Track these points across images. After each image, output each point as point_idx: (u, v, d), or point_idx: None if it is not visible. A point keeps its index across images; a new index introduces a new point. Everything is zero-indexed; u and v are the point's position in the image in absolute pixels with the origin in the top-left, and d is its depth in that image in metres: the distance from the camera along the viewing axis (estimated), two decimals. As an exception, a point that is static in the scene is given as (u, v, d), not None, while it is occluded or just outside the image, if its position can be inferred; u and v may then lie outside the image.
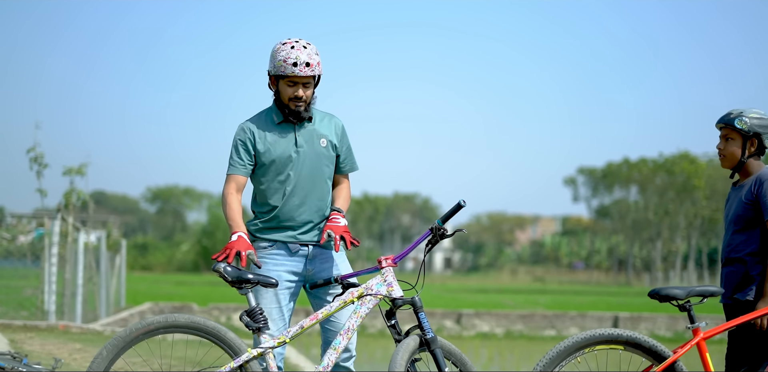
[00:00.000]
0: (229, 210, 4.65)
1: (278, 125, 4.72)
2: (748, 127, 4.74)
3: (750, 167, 4.82)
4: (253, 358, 4.27)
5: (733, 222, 4.79)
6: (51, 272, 13.36)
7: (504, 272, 77.47)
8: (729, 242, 4.80)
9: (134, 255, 67.17)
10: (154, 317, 4.30)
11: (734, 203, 4.83)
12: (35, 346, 9.88)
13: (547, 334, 25.39)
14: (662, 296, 4.41)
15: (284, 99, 4.66)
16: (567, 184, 75.72)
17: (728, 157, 4.82)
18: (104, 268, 18.24)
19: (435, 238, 4.54)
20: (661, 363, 4.30)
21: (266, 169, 4.71)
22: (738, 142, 4.78)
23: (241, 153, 4.70)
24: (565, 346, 4.32)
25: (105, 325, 15.22)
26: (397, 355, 4.26)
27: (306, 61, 4.57)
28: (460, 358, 4.53)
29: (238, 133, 4.75)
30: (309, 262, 4.71)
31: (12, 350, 7.66)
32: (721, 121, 4.83)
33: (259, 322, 4.32)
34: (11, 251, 21.66)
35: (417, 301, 4.43)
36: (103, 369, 4.16)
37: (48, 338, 10.85)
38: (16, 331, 11.37)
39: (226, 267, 4.33)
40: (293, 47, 4.59)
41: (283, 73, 4.59)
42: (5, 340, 9.56)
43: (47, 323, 12.45)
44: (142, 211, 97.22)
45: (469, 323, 26.26)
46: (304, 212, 4.72)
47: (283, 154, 4.69)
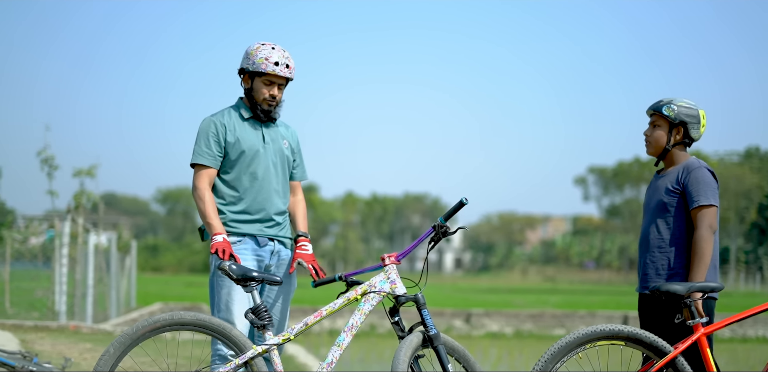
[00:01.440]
0: (207, 207, 4.69)
1: (246, 120, 4.83)
2: (675, 114, 4.79)
3: (675, 156, 4.86)
4: (258, 355, 4.31)
5: (657, 209, 4.80)
6: (61, 273, 13.44)
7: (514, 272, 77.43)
8: (651, 230, 4.81)
9: (145, 256, 67.32)
10: (161, 315, 4.35)
11: (658, 191, 4.85)
12: (46, 346, 9.96)
13: (557, 334, 25.37)
14: (663, 292, 4.43)
15: (258, 97, 4.79)
16: (577, 183, 75.73)
17: (653, 144, 4.87)
18: (114, 269, 18.32)
19: (438, 235, 4.57)
20: (661, 358, 4.33)
21: (235, 162, 4.79)
22: (665, 129, 4.83)
23: (211, 144, 4.77)
24: (566, 341, 4.35)
25: (115, 325, 15.29)
26: (400, 351, 4.31)
27: (286, 62, 4.74)
28: (464, 355, 4.57)
29: (207, 125, 4.79)
30: (271, 258, 4.81)
31: (23, 350, 7.71)
32: (651, 107, 4.89)
33: (263, 320, 4.37)
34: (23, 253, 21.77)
35: (420, 298, 4.47)
36: (110, 366, 4.22)
37: (59, 338, 10.94)
38: (28, 332, 11.46)
39: (231, 265, 4.38)
40: (274, 48, 4.75)
41: (263, 71, 4.71)
42: (16, 340, 9.65)
43: (58, 324, 12.54)
44: (152, 213, 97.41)
45: (479, 323, 26.28)
46: (271, 206, 4.83)
47: (252, 147, 4.79)
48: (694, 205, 4.69)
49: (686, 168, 4.77)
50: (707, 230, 4.64)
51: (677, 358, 4.34)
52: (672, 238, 4.75)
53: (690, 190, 4.72)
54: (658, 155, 4.89)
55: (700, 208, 4.68)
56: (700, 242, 4.63)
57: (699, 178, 4.72)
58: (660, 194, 4.81)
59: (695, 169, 4.74)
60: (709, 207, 4.68)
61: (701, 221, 4.66)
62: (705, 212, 4.67)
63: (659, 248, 4.77)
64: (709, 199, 4.68)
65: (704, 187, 4.71)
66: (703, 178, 4.72)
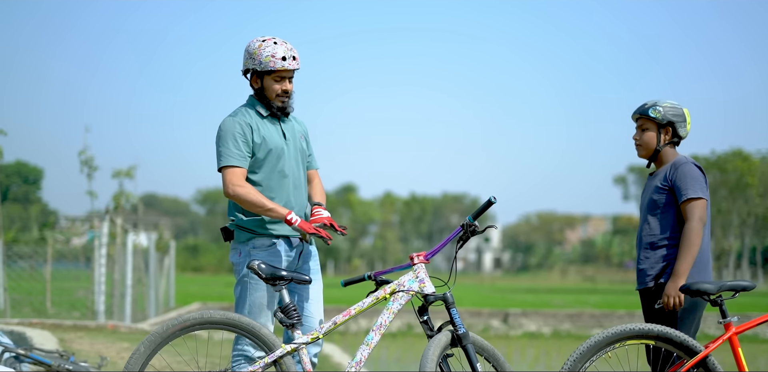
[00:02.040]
0: (261, 199, 4.56)
1: (265, 118, 4.76)
2: (662, 116, 4.87)
3: (665, 156, 4.93)
4: (287, 354, 4.33)
5: (648, 207, 4.87)
6: (100, 273, 13.58)
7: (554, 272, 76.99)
8: (644, 227, 4.88)
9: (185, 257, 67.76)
10: (191, 314, 4.38)
11: (648, 190, 4.93)
12: (84, 346, 10.06)
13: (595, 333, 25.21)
14: (693, 291, 4.39)
15: (270, 95, 4.71)
16: (617, 182, 75.14)
17: (644, 147, 4.95)
18: (153, 269, 18.47)
19: (466, 234, 4.56)
20: (692, 358, 4.29)
21: (262, 162, 4.71)
22: (653, 131, 4.91)
23: (240, 145, 4.66)
24: (595, 341, 4.32)
25: (153, 324, 15.42)
26: (429, 350, 4.30)
27: (293, 55, 4.67)
28: (493, 354, 4.55)
29: (232, 126, 4.67)
30: (300, 258, 4.77)
31: (60, 349, 7.80)
32: (636, 112, 4.96)
33: (292, 318, 4.38)
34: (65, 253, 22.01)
35: (449, 297, 4.46)
36: (141, 365, 4.25)
37: (97, 338, 11.03)
38: (67, 331, 11.58)
39: (260, 264, 4.39)
40: (276, 43, 4.66)
41: (272, 68, 4.63)
42: (54, 339, 9.74)
43: (96, 323, 12.66)
44: (192, 214, 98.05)
45: (516, 323, 26.17)
46: (299, 204, 4.79)
47: (277, 145, 4.73)
48: (683, 199, 4.76)
49: (673, 165, 4.86)
50: (697, 222, 4.70)
51: (708, 358, 4.29)
52: (663, 233, 4.80)
53: (678, 184, 4.79)
54: (649, 157, 4.97)
55: (689, 201, 4.75)
56: (689, 233, 4.69)
57: (686, 172, 4.79)
58: (651, 193, 4.88)
59: (682, 165, 4.82)
60: (697, 199, 4.75)
61: (691, 213, 4.73)
62: (694, 205, 4.74)
63: (652, 244, 4.82)
64: (697, 192, 4.75)
65: (691, 180, 4.77)
66: (690, 172, 4.80)
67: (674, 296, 4.63)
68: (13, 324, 11.39)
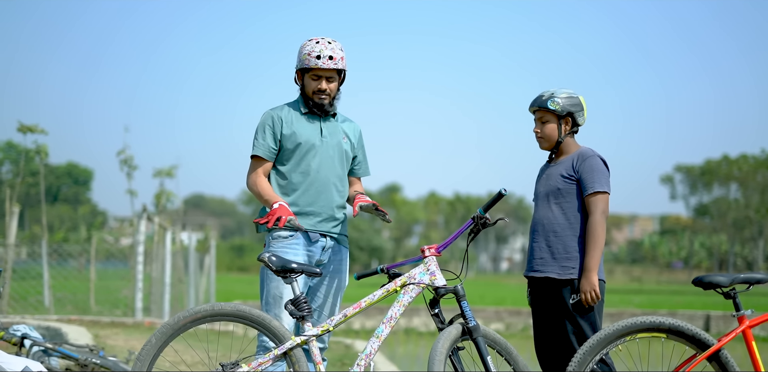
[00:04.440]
0: (261, 188, 4.74)
1: (304, 115, 4.85)
2: (561, 107, 4.85)
3: (567, 146, 4.92)
4: (297, 346, 4.34)
5: (551, 196, 4.85)
6: (138, 270, 13.72)
7: (600, 272, 76.31)
8: (544, 215, 4.85)
9: (231, 257, 68.27)
10: (202, 306, 4.40)
11: (551, 178, 4.89)
12: (119, 341, 10.17)
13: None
14: (706, 283, 4.34)
15: (308, 92, 4.81)
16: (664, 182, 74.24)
17: (546, 139, 4.92)
18: (193, 268, 18.62)
19: (477, 227, 4.55)
20: (704, 351, 4.23)
21: (290, 154, 4.79)
22: (554, 122, 4.87)
23: (267, 136, 4.80)
24: (606, 333, 4.28)
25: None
26: (438, 342, 4.30)
27: (329, 54, 4.73)
28: (506, 348, 4.53)
29: (265, 118, 4.85)
30: (323, 254, 4.79)
31: (92, 344, 7.90)
32: (534, 104, 4.92)
33: (303, 311, 4.38)
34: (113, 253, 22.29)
35: (459, 290, 4.46)
36: (152, 356, 4.29)
37: (133, 334, 11.14)
38: (104, 328, 11.71)
39: (270, 256, 4.41)
40: (318, 42, 4.76)
41: (307, 66, 4.75)
42: (89, 335, 9.86)
43: (134, 320, 12.79)
44: (239, 214, 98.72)
45: (558, 322, 25.95)
46: (326, 200, 4.80)
47: (308, 139, 4.80)
48: (589, 191, 4.76)
49: (580, 156, 4.85)
50: (601, 216, 4.72)
51: (720, 351, 4.23)
52: (567, 223, 4.79)
53: (584, 177, 4.78)
54: (551, 149, 4.94)
55: (594, 194, 4.76)
56: (596, 227, 4.70)
57: (593, 166, 4.79)
58: (554, 181, 4.86)
59: (589, 157, 4.82)
60: (602, 193, 4.76)
61: (595, 207, 4.74)
62: (599, 198, 4.75)
63: (554, 233, 4.81)
64: (603, 186, 4.76)
65: (598, 174, 4.78)
66: (597, 166, 4.79)
67: (590, 291, 4.66)
68: (52, 320, 11.55)
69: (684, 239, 78.26)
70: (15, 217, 12.92)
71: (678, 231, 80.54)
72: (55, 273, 16.59)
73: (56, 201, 69.35)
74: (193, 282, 18.76)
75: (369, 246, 66.51)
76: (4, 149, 60.41)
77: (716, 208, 69.23)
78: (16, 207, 12.99)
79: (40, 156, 14.99)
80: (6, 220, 13.27)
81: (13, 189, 14.02)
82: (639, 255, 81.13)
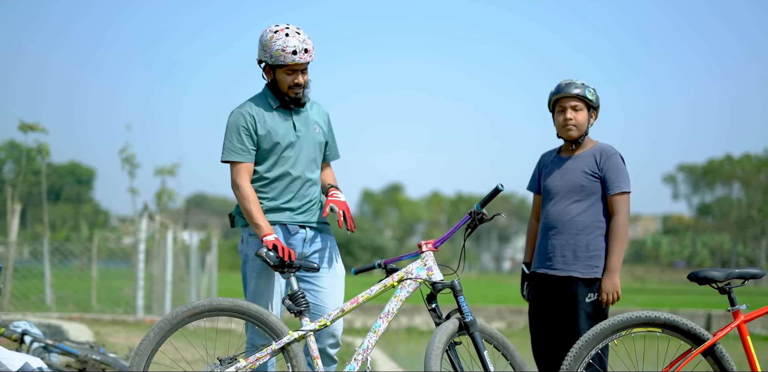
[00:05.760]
0: (252, 207, 4.56)
1: (275, 110, 4.69)
2: (597, 98, 4.80)
3: (586, 140, 4.87)
4: (294, 341, 4.35)
5: (574, 192, 4.78)
6: (139, 269, 13.75)
7: (603, 272, 76.24)
8: (566, 212, 4.78)
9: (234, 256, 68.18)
10: (199, 300, 4.42)
11: (571, 173, 4.81)
12: (120, 339, 10.19)
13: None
14: (701, 278, 4.35)
15: (283, 87, 4.64)
16: (666, 181, 74.23)
17: (578, 127, 4.81)
18: (194, 266, 18.65)
19: (474, 222, 4.57)
20: (699, 346, 4.24)
21: (267, 153, 4.66)
22: (585, 113, 4.79)
23: (243, 138, 4.62)
24: (601, 328, 4.29)
25: (193, 320, 15.52)
26: (435, 337, 4.31)
27: (305, 47, 4.54)
28: (503, 343, 4.55)
29: (236, 118, 4.63)
30: (305, 245, 4.70)
31: (91, 340, 7.92)
32: (570, 91, 4.78)
33: (300, 306, 4.40)
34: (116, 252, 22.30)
35: (456, 285, 4.46)
36: (150, 350, 4.31)
37: (134, 332, 11.16)
38: (105, 325, 11.73)
39: (268, 252, 4.43)
40: (288, 35, 4.53)
41: (283, 63, 4.54)
42: (90, 332, 9.88)
43: (135, 318, 12.81)
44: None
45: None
46: (304, 196, 4.71)
47: (284, 138, 4.66)
48: (615, 191, 4.73)
49: (603, 153, 4.79)
50: (626, 216, 4.72)
51: (715, 346, 4.24)
52: (591, 221, 4.74)
53: (610, 175, 4.74)
54: (577, 139, 4.85)
55: (620, 194, 4.72)
56: (622, 227, 4.69)
57: (618, 164, 4.76)
58: (576, 177, 4.79)
59: (613, 155, 4.77)
60: (627, 193, 4.74)
61: (621, 207, 4.72)
62: (624, 198, 4.73)
63: (579, 231, 4.76)
64: (628, 186, 4.74)
65: (623, 174, 4.75)
66: (621, 165, 4.77)
67: (613, 292, 4.66)
68: (53, 318, 11.58)
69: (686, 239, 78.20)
70: (16, 215, 12.95)
71: (681, 230, 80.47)
72: (57, 272, 16.61)
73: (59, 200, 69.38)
74: (195, 280, 18.79)
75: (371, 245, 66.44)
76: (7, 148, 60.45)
77: (719, 208, 69.21)
78: (17, 205, 13.02)
79: (42, 155, 15.01)
80: (7, 219, 13.30)
81: (14, 188, 14.05)
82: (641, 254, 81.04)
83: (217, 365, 4.28)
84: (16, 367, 5.51)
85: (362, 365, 4.38)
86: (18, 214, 12.95)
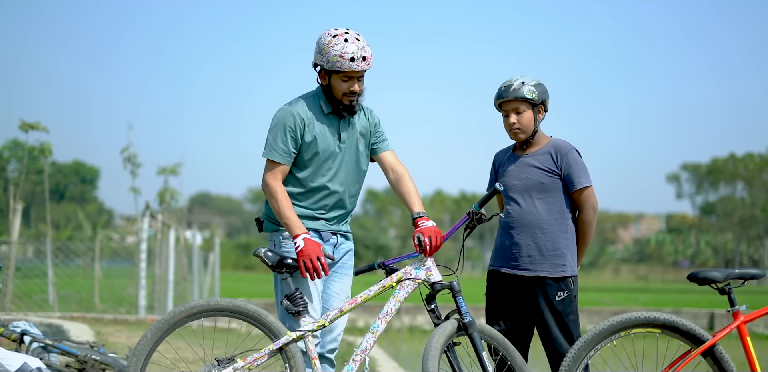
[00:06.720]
0: (283, 207, 4.43)
1: (326, 116, 4.56)
2: (538, 95, 4.72)
3: (538, 135, 4.81)
4: (293, 341, 4.33)
5: (534, 190, 4.73)
6: (141, 268, 13.74)
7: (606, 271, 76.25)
8: (529, 210, 4.72)
9: (237, 255, 68.26)
10: (197, 301, 4.41)
11: (527, 171, 4.75)
12: (121, 339, 10.17)
13: (639, 331, 24.84)
14: (700, 279, 4.33)
15: (337, 94, 4.49)
16: (670, 180, 74.15)
17: (524, 130, 4.76)
18: (197, 266, 18.66)
19: (472, 222, 4.55)
20: (699, 347, 4.22)
21: (307, 162, 4.54)
22: (530, 112, 4.73)
23: (288, 141, 4.47)
24: (600, 329, 4.28)
25: (195, 320, 15.51)
26: (433, 338, 4.30)
27: (363, 55, 4.39)
28: (503, 343, 4.53)
29: (287, 117, 4.48)
30: (334, 251, 4.65)
31: (92, 340, 7.90)
32: (508, 95, 4.73)
33: (298, 306, 4.37)
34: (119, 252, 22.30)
35: (455, 286, 4.44)
36: (147, 351, 4.30)
37: (135, 331, 11.14)
38: (106, 325, 11.72)
39: (266, 252, 4.40)
40: (347, 40, 4.38)
41: (339, 69, 4.39)
42: (91, 331, 9.87)
43: (137, 317, 12.79)
44: (246, 212, 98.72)
45: (562, 320, 25.90)
46: (339, 208, 4.65)
47: (327, 147, 4.53)
48: (578, 187, 4.70)
49: (558, 150, 4.75)
50: (593, 212, 4.69)
51: (715, 347, 4.22)
52: (553, 219, 4.70)
53: (570, 172, 4.70)
54: (527, 140, 4.80)
55: (583, 189, 4.69)
56: (591, 223, 4.70)
57: (576, 160, 4.72)
58: (534, 175, 4.73)
59: (569, 151, 4.73)
60: (589, 187, 4.70)
61: (587, 202, 4.70)
62: (588, 193, 4.70)
63: (541, 229, 4.71)
64: (589, 180, 4.71)
65: (581, 168, 4.72)
66: (578, 159, 4.73)
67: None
68: (55, 317, 11.57)
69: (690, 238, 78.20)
70: (18, 214, 12.95)
71: (684, 230, 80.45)
72: (60, 271, 16.62)
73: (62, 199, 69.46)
74: (197, 280, 18.79)
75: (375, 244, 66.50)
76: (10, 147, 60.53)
77: (722, 207, 69.14)
78: (19, 204, 13.02)
79: (44, 154, 15.02)
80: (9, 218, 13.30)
81: (17, 187, 14.05)
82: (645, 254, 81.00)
83: (215, 365, 4.26)
84: (14, 367, 5.50)
85: (360, 366, 4.36)
86: (20, 214, 12.95)
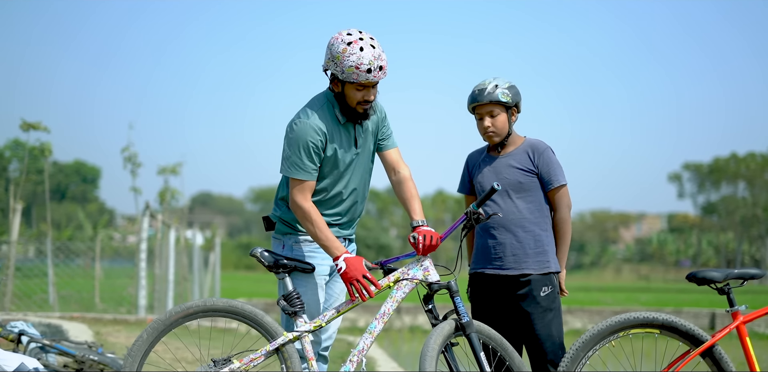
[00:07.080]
0: (320, 229, 4.33)
1: (342, 125, 4.47)
2: (511, 98, 4.73)
3: (513, 137, 4.83)
4: (289, 342, 4.31)
5: (512, 190, 4.74)
6: (141, 268, 13.73)
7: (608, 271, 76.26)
8: (508, 210, 4.73)
9: (238, 255, 68.27)
10: (193, 301, 4.39)
11: (505, 171, 4.77)
12: (120, 339, 10.15)
13: (641, 331, 24.83)
14: (699, 279, 4.31)
15: (351, 103, 4.37)
16: (672, 180, 74.12)
17: (499, 133, 4.77)
18: (197, 265, 18.64)
19: (470, 222, 4.53)
20: (698, 347, 4.20)
21: (327, 173, 4.47)
22: (504, 115, 4.74)
23: (313, 157, 4.35)
24: (599, 329, 4.25)
25: (195, 320, 15.49)
26: (430, 338, 4.27)
27: (380, 64, 4.26)
28: (501, 343, 4.51)
29: (306, 132, 4.33)
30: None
31: (90, 341, 7.88)
32: (482, 99, 4.73)
33: (295, 307, 4.36)
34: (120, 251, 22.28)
35: (453, 286, 4.42)
36: (143, 351, 4.27)
37: (135, 331, 11.12)
38: (106, 325, 11.70)
39: (263, 252, 4.39)
40: (362, 48, 4.22)
41: (355, 80, 4.26)
42: (90, 331, 9.86)
43: (136, 317, 12.78)
44: (247, 212, 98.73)
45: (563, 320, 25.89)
46: (353, 214, 4.65)
47: (345, 157, 4.48)
48: (554, 185, 4.73)
49: (534, 149, 4.77)
50: (569, 210, 4.73)
51: (714, 347, 4.20)
52: (534, 217, 4.72)
53: (545, 171, 4.73)
54: (500, 142, 4.81)
55: (559, 187, 4.72)
56: (567, 221, 4.72)
57: (551, 159, 4.75)
58: (511, 175, 4.75)
59: (545, 151, 4.76)
60: (565, 186, 4.73)
61: (562, 201, 4.73)
62: (563, 192, 4.73)
63: (523, 228, 4.72)
64: (564, 178, 4.74)
65: (557, 167, 4.74)
66: (553, 158, 4.76)
67: (563, 285, 4.72)
68: (54, 317, 11.55)
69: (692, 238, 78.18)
70: (18, 214, 12.94)
71: (686, 229, 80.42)
72: (61, 271, 16.62)
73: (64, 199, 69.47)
74: (198, 280, 18.78)
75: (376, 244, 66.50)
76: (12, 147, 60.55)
77: (724, 207, 69.12)
78: (19, 204, 13.00)
79: (44, 154, 15.01)
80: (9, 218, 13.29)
81: (17, 186, 14.04)
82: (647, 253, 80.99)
83: (211, 366, 4.24)
84: (11, 367, 5.48)
85: (357, 366, 4.34)
86: (19, 213, 12.93)
